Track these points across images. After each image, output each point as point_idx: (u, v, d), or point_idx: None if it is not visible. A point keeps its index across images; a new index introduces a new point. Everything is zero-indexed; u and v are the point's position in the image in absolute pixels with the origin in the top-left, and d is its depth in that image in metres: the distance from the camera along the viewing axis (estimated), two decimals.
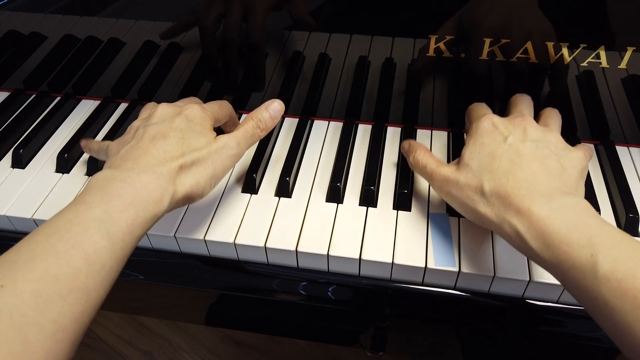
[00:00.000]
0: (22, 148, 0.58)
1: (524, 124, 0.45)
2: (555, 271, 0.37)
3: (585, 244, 0.35)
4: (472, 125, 0.46)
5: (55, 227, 0.35)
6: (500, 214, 0.39)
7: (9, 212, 0.52)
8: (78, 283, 0.33)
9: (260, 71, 0.61)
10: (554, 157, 0.42)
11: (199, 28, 0.57)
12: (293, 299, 0.51)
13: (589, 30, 0.50)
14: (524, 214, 0.38)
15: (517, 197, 0.39)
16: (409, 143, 0.52)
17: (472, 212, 0.42)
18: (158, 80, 0.64)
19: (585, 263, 0.34)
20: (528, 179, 0.40)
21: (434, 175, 0.46)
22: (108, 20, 0.60)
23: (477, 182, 0.41)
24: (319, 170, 0.56)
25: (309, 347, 1.20)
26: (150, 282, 0.53)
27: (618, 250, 0.34)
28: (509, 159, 0.41)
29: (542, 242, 0.37)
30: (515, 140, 0.43)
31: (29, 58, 0.65)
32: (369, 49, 0.57)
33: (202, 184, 0.43)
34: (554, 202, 0.38)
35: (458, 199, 0.43)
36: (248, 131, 0.47)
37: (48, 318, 0.30)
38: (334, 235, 0.48)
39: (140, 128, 0.45)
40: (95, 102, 0.67)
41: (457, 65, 0.55)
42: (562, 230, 0.36)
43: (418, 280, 0.47)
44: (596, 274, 0.33)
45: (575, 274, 0.35)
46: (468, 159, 0.43)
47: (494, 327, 0.49)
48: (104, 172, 0.40)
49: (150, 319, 1.26)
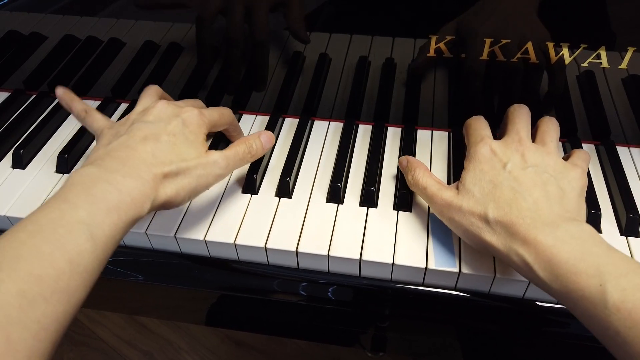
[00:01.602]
0: (22, 148, 0.58)
1: (521, 149, 0.45)
2: (565, 300, 0.37)
3: (594, 274, 0.35)
4: (471, 150, 0.46)
5: (38, 225, 0.35)
6: (507, 244, 0.40)
7: (9, 212, 0.52)
8: (61, 284, 0.33)
9: (262, 71, 0.60)
10: (554, 181, 0.42)
11: (196, 19, 0.57)
12: (293, 299, 0.51)
13: (590, 30, 0.50)
14: (531, 243, 0.38)
15: (522, 227, 0.39)
16: (407, 160, 0.51)
17: (476, 239, 0.42)
18: (158, 81, 0.64)
19: (595, 293, 0.34)
20: (531, 207, 0.40)
21: (435, 199, 0.45)
22: (108, 20, 0.60)
23: (481, 210, 0.41)
24: (319, 170, 0.56)
25: (309, 348, 1.20)
26: (151, 282, 0.53)
27: (626, 279, 0.34)
28: (510, 187, 0.42)
29: (550, 272, 0.37)
30: (514, 168, 0.43)
31: (29, 58, 0.65)
32: (369, 49, 0.56)
33: (181, 195, 0.43)
34: (559, 230, 0.38)
35: (461, 225, 0.43)
36: (239, 153, 0.47)
37: (31, 318, 0.31)
38: (334, 236, 0.48)
39: (135, 123, 0.45)
40: (96, 102, 0.67)
41: (457, 65, 0.55)
42: (569, 260, 0.36)
43: (418, 281, 0.47)
44: (606, 304, 0.34)
45: (585, 304, 0.35)
46: (470, 184, 0.43)
47: (494, 327, 0.49)
48: (88, 168, 0.40)
49: (150, 319, 1.26)
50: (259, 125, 0.62)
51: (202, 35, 0.58)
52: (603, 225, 0.49)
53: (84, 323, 1.27)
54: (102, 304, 0.62)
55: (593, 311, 0.34)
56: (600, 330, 0.35)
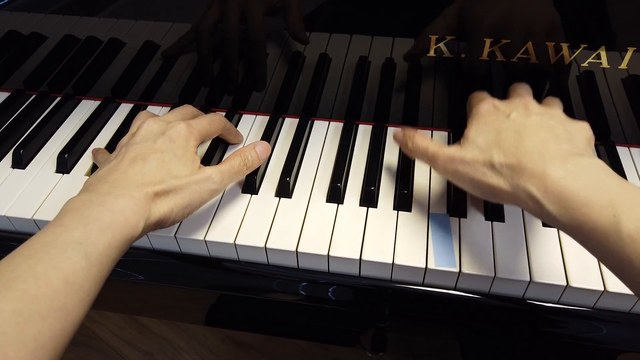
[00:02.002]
0: (22, 148, 0.58)
1: (524, 102, 0.44)
2: (576, 234, 0.36)
3: (607, 205, 0.34)
4: (473, 110, 0.45)
5: (33, 249, 0.35)
6: (514, 182, 0.38)
7: (9, 212, 0.52)
8: (57, 303, 0.33)
9: (261, 71, 0.61)
10: (560, 126, 0.41)
11: (194, 30, 0.57)
12: (293, 299, 0.51)
13: (590, 30, 0.50)
14: (539, 177, 0.37)
15: (530, 162, 0.38)
16: (402, 131, 0.49)
17: (482, 186, 0.41)
18: (158, 81, 0.64)
19: (608, 224, 0.33)
20: (538, 145, 0.39)
21: (438, 155, 0.44)
22: (108, 20, 0.60)
23: (486, 157, 0.40)
24: (319, 170, 0.56)
25: (309, 348, 1.20)
26: (151, 282, 0.53)
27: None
28: (516, 131, 0.41)
29: (560, 205, 0.35)
30: (518, 116, 0.42)
31: (29, 58, 0.65)
32: (369, 49, 0.57)
33: (175, 212, 0.43)
34: (569, 163, 0.37)
35: (466, 175, 0.41)
36: (234, 167, 0.47)
37: (28, 336, 0.31)
38: (334, 236, 0.48)
39: (124, 147, 0.46)
40: (96, 102, 0.67)
41: (457, 65, 0.55)
42: (580, 192, 0.35)
43: (418, 281, 0.47)
44: (620, 234, 0.32)
45: (597, 237, 0.34)
46: (473, 136, 0.42)
47: (494, 327, 0.49)
48: (80, 195, 0.41)
49: (150, 319, 1.26)
50: (259, 124, 0.62)
51: (202, 45, 0.58)
52: None
53: (84, 323, 1.26)
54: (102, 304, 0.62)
55: (606, 243, 0.33)
56: (615, 263, 0.34)
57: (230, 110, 0.63)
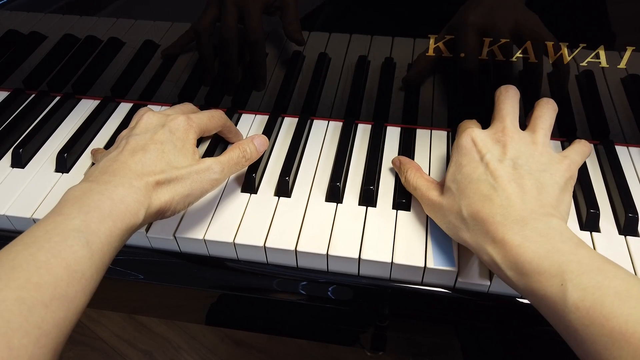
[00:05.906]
0: (21, 147, 0.58)
1: (503, 140, 0.44)
2: (531, 299, 0.37)
3: (556, 273, 0.35)
4: (456, 140, 0.47)
5: (34, 238, 0.35)
6: (479, 242, 0.40)
7: (9, 211, 0.52)
8: (60, 291, 0.33)
9: (261, 70, 0.61)
10: (533, 176, 0.42)
11: (193, 31, 0.57)
12: (293, 298, 0.51)
13: (589, 29, 0.50)
14: (499, 243, 0.38)
15: (493, 225, 0.39)
16: (399, 160, 0.52)
17: (455, 236, 0.43)
18: (158, 80, 0.64)
19: (556, 292, 0.34)
20: (503, 204, 0.40)
21: (423, 199, 0.47)
22: (108, 20, 0.60)
23: (457, 207, 0.42)
24: (318, 169, 0.56)
25: (309, 347, 1.20)
26: (150, 281, 0.53)
27: (588, 277, 0.34)
28: (486, 182, 0.41)
29: (516, 272, 0.37)
30: (492, 159, 0.43)
31: (29, 58, 0.65)
32: (369, 49, 0.57)
33: (176, 201, 0.43)
34: (527, 229, 0.38)
35: (444, 224, 0.45)
36: (233, 158, 0.47)
37: (32, 324, 0.31)
38: (333, 235, 0.48)
39: (124, 139, 0.46)
40: (95, 101, 0.67)
41: (456, 65, 0.55)
42: (534, 259, 0.36)
43: (417, 280, 0.47)
44: (566, 303, 0.33)
45: (547, 303, 0.35)
46: (449, 181, 0.44)
47: (493, 326, 0.49)
48: (80, 185, 0.41)
49: (150, 319, 1.26)
50: (259, 124, 0.62)
51: (202, 45, 0.59)
52: (602, 224, 0.49)
53: (84, 323, 1.27)
54: (102, 303, 0.62)
55: (554, 310, 0.34)
56: (562, 329, 0.35)
57: (229, 109, 0.63)
